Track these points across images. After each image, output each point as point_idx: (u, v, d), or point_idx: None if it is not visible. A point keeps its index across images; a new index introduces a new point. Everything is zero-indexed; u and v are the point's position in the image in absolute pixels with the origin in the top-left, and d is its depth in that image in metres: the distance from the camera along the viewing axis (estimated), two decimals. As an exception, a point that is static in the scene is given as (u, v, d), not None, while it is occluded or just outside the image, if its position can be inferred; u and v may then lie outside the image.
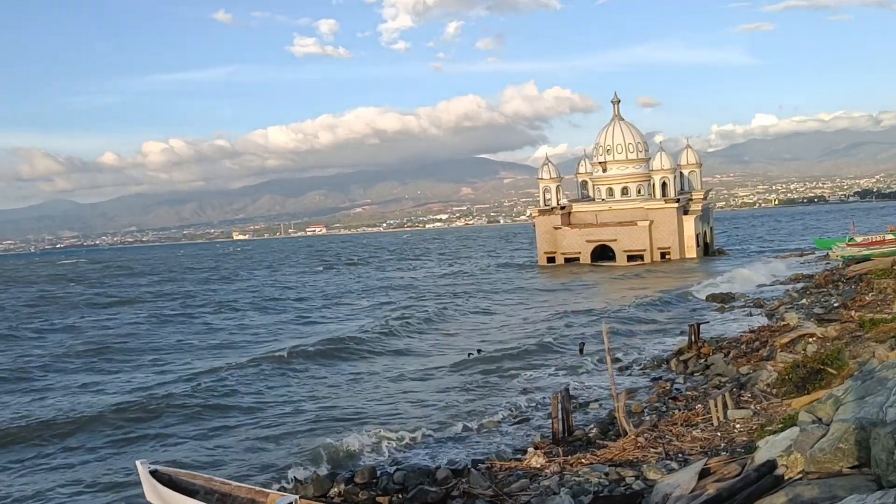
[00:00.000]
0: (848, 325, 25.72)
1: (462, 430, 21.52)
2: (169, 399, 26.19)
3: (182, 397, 26.48)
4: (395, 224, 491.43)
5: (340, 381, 29.58)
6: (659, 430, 17.10)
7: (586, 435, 18.85)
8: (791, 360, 23.77)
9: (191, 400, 26.15)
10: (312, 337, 40.01)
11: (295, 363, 32.56)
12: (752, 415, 17.11)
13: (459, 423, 22.15)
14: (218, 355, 36.73)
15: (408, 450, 19.96)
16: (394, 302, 57.48)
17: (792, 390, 18.23)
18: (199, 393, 27.08)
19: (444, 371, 30.07)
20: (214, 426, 23.21)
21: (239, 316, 54.20)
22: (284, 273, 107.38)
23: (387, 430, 20.83)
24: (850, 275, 44.59)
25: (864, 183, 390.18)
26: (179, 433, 22.63)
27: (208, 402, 25.88)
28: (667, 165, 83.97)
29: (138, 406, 25.44)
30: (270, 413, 24.45)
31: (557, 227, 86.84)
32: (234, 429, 22.78)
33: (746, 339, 27.81)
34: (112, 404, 25.79)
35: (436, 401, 25.22)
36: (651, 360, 29.72)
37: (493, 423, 22.02)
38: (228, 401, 26.23)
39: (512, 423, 22.19)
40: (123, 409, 24.98)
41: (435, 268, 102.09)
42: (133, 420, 24.06)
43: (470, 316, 48.18)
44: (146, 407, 25.31)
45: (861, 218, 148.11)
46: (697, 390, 23.19)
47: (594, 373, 28.35)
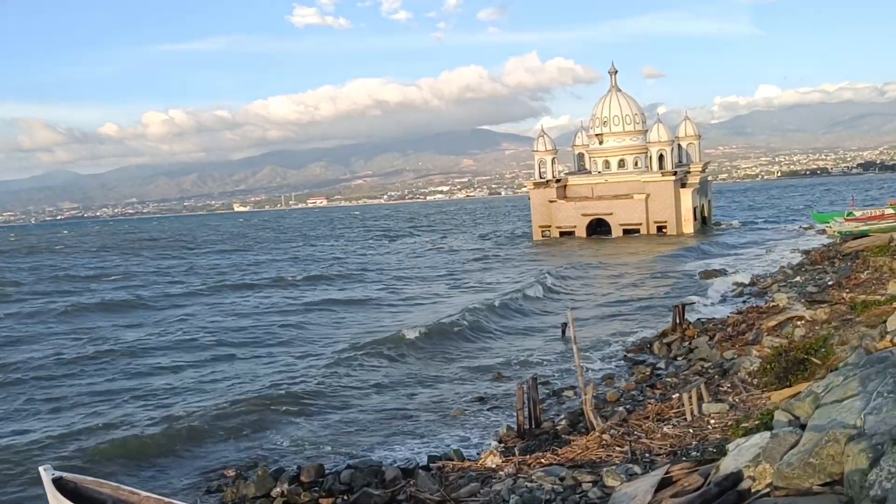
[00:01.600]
0: (839, 307, 24.45)
1: (430, 419, 20.43)
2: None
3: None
4: (396, 196, 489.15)
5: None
6: (628, 425, 15.92)
7: (554, 427, 17.71)
8: (777, 344, 22.57)
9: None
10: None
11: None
12: (728, 409, 15.92)
13: (428, 412, 21.09)
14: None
15: (368, 441, 18.86)
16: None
17: (773, 381, 17.03)
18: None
19: (412, 351, 28.86)
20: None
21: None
22: (348, 243, 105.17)
23: (345, 421, 19.72)
24: (847, 251, 43.22)
25: (867, 155, 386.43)
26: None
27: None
28: (664, 137, 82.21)
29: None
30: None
31: (552, 201, 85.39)
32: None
33: (733, 321, 26.57)
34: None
35: (407, 384, 24.11)
36: (636, 342, 28.55)
37: (460, 413, 20.90)
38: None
39: (483, 411, 21.07)
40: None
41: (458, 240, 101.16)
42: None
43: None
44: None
45: (863, 191, 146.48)
46: (678, 376, 22.03)
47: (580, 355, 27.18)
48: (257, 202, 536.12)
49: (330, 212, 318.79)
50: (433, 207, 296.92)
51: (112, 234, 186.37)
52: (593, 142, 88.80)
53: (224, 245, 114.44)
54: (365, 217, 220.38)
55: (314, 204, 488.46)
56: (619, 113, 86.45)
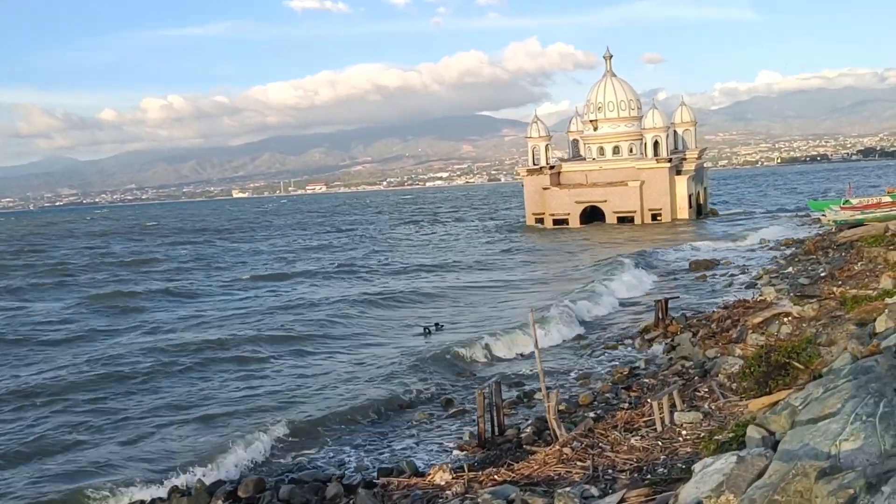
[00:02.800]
0: (828, 302, 23.26)
1: (391, 423, 19.28)
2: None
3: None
4: (395, 182, 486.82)
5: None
6: (594, 436, 14.75)
7: (518, 436, 16.56)
8: (762, 342, 21.43)
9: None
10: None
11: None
12: (702, 418, 14.77)
13: (392, 414, 19.97)
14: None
15: (319, 449, 17.71)
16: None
17: (753, 387, 15.86)
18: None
19: (391, 350, 27.68)
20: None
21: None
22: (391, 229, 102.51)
23: (289, 425, 18.52)
24: (841, 241, 41.94)
25: (867, 141, 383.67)
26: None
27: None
28: (659, 124, 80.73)
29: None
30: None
31: (546, 188, 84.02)
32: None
33: (718, 316, 25.35)
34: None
35: (375, 385, 22.92)
36: (617, 337, 27.39)
37: (425, 417, 19.73)
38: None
39: (448, 416, 19.90)
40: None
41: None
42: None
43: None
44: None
45: (862, 178, 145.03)
46: (657, 377, 20.89)
47: (555, 351, 26.04)
48: (256, 188, 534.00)
49: (338, 198, 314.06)
50: (436, 193, 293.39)
51: (148, 219, 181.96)
52: (588, 128, 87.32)
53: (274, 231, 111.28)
54: (382, 203, 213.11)
55: (313, 190, 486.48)
56: (613, 99, 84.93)
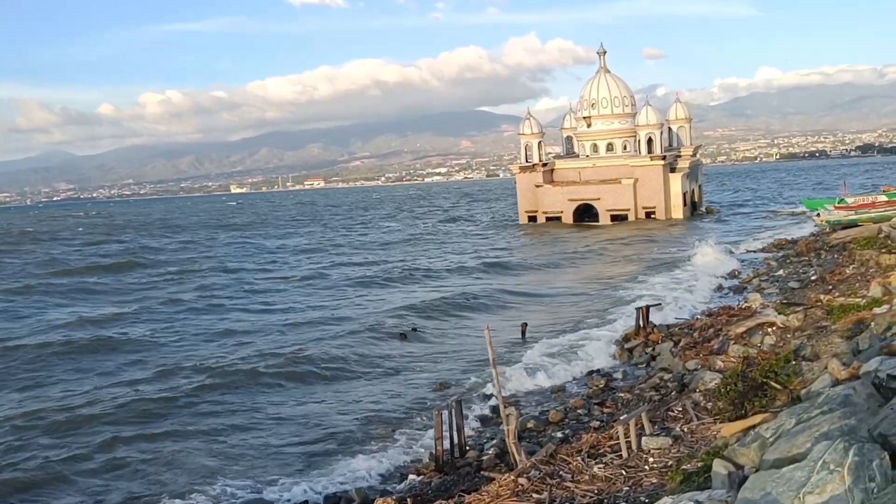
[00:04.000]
0: (814, 311, 22.28)
1: (345, 443, 18.26)
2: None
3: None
4: (393, 178, 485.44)
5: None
6: (555, 462, 13.74)
7: (479, 459, 15.58)
8: (744, 354, 20.46)
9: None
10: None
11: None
12: (671, 443, 13.77)
13: (355, 430, 18.97)
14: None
15: (274, 468, 16.73)
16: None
17: (728, 407, 14.87)
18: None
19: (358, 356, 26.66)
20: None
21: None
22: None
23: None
24: (833, 242, 40.93)
25: (866, 137, 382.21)
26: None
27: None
28: (653, 121, 79.63)
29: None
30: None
31: (539, 185, 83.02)
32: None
33: (700, 324, 24.36)
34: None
35: (337, 396, 21.95)
36: (598, 344, 26.35)
37: (388, 433, 18.72)
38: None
39: (416, 431, 18.87)
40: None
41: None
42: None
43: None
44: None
45: (858, 175, 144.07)
46: (633, 391, 19.90)
47: (533, 361, 25.02)
48: (254, 183, 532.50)
49: (348, 193, 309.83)
50: (453, 187, 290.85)
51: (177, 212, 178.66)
52: (581, 124, 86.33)
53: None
54: (391, 198, 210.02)
55: (311, 186, 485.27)
56: (607, 95, 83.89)
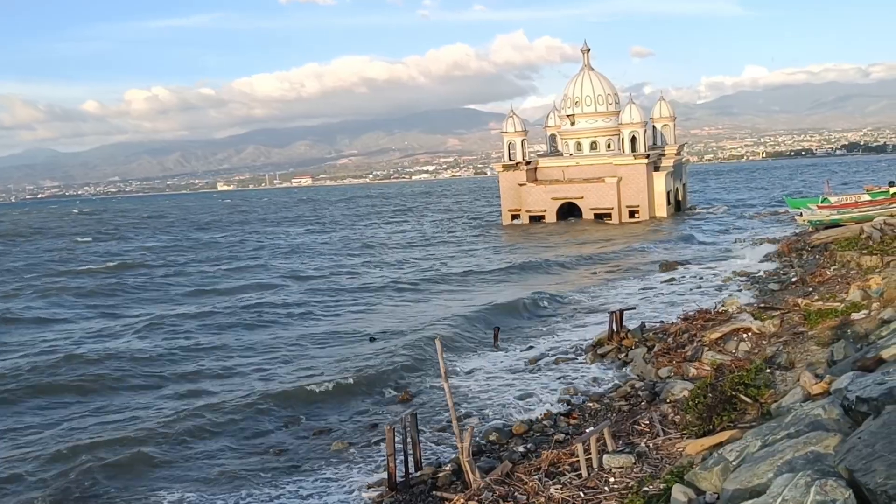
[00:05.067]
0: (791, 316, 21.57)
1: (305, 455, 17.41)
2: None
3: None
4: (381, 175, 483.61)
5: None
6: (511, 482, 12.95)
7: (434, 476, 14.74)
8: (718, 362, 19.74)
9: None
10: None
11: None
12: (634, 462, 12.98)
13: (306, 443, 18.13)
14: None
15: (216, 486, 15.86)
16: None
17: (696, 421, 14.11)
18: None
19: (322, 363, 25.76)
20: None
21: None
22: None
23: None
24: (815, 243, 40.35)
25: (851, 136, 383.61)
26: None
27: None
28: (637, 119, 78.94)
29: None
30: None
31: (522, 184, 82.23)
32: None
33: (676, 329, 23.57)
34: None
35: (284, 406, 21.02)
36: (570, 349, 25.61)
37: (343, 446, 17.85)
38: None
39: (372, 444, 18.03)
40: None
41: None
42: None
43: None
44: None
45: (842, 174, 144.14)
46: (601, 401, 19.11)
47: (503, 368, 24.23)
48: (241, 181, 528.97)
49: (348, 190, 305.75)
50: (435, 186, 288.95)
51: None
52: (565, 123, 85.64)
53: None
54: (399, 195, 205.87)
55: (298, 183, 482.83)
56: (591, 93, 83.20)
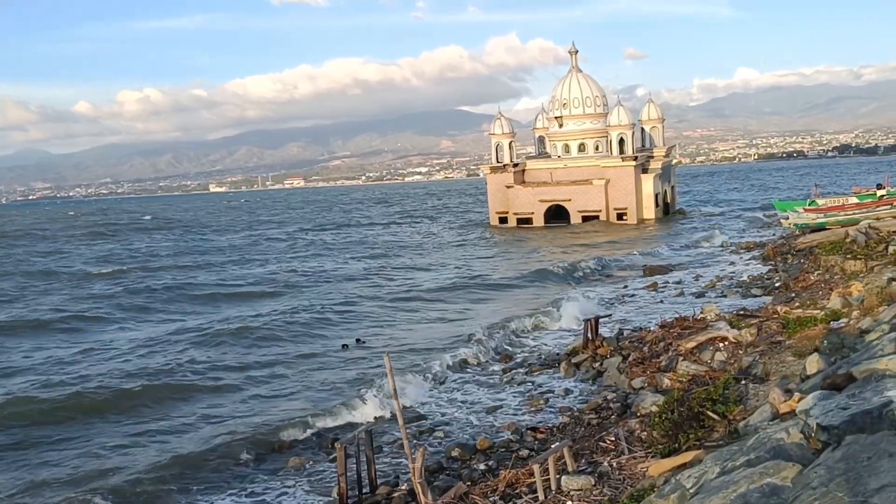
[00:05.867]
0: (769, 324, 20.96)
1: (247, 474, 16.67)
2: None
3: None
4: (374, 177, 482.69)
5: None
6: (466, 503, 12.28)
7: (389, 496, 14.06)
8: (693, 372, 19.12)
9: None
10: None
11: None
12: (593, 483, 12.33)
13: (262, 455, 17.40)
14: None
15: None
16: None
17: (662, 439, 13.46)
18: None
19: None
20: None
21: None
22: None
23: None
24: (800, 247, 39.79)
25: (843, 138, 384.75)
26: None
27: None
28: (625, 121, 78.45)
29: None
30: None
31: (510, 186, 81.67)
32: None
33: (652, 337, 22.90)
34: None
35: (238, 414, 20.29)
36: (546, 358, 24.94)
37: (300, 463, 17.08)
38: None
39: (326, 462, 17.22)
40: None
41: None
42: None
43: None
44: None
45: (833, 176, 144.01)
46: (571, 414, 18.45)
47: (475, 378, 23.55)
48: (233, 182, 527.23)
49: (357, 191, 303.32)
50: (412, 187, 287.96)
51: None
52: (553, 125, 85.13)
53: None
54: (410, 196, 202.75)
55: (291, 185, 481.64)
56: (579, 95, 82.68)
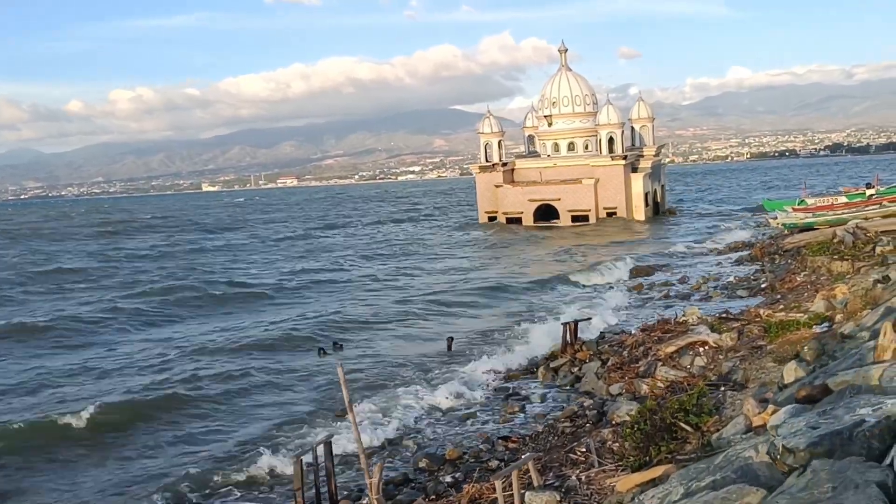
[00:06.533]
0: (751, 328, 20.41)
1: (203, 483, 16.01)
2: None
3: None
4: (367, 176, 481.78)
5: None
6: (423, 522, 11.68)
7: (349, 511, 13.45)
8: (672, 377, 18.55)
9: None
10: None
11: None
12: (558, 500, 11.72)
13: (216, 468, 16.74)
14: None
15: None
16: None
17: (633, 451, 12.88)
18: None
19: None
20: None
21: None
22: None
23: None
24: (788, 247, 39.28)
25: (835, 137, 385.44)
26: None
27: None
28: (614, 120, 77.91)
29: None
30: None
31: (498, 185, 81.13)
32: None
33: (632, 341, 22.30)
34: None
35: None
36: (524, 362, 24.33)
37: (246, 481, 16.35)
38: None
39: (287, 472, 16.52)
40: None
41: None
42: None
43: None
44: None
45: (825, 175, 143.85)
46: (545, 421, 17.86)
47: (450, 384, 22.87)
48: (226, 181, 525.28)
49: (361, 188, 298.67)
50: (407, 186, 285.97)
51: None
52: (542, 123, 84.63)
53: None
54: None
55: (284, 184, 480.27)
56: (568, 93, 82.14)
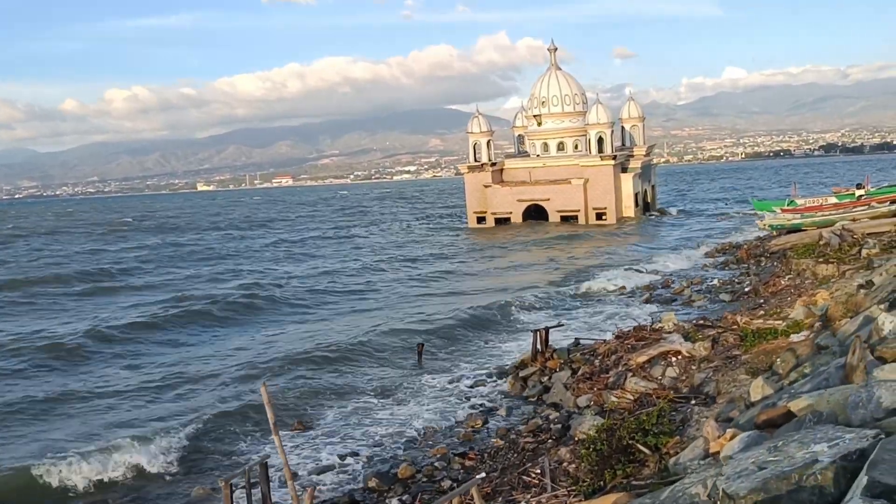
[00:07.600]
0: (727, 337, 19.51)
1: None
2: None
3: None
4: (362, 176, 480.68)
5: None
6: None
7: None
8: (642, 388, 17.66)
9: None
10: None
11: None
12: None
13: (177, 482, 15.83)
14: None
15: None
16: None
17: (588, 473, 11.99)
18: None
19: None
20: None
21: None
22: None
23: None
24: (774, 249, 38.42)
25: (829, 137, 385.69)
26: None
27: None
28: (603, 119, 76.99)
29: None
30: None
31: (487, 185, 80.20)
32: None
33: (605, 349, 21.42)
34: None
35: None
36: (494, 371, 23.42)
37: (205, 493, 15.54)
38: None
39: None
40: None
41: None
42: None
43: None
44: None
45: (819, 175, 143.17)
46: (507, 436, 16.95)
47: (414, 394, 21.98)
48: (221, 181, 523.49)
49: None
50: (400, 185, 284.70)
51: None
52: (532, 123, 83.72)
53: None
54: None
55: (279, 183, 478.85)
56: (557, 93, 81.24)
